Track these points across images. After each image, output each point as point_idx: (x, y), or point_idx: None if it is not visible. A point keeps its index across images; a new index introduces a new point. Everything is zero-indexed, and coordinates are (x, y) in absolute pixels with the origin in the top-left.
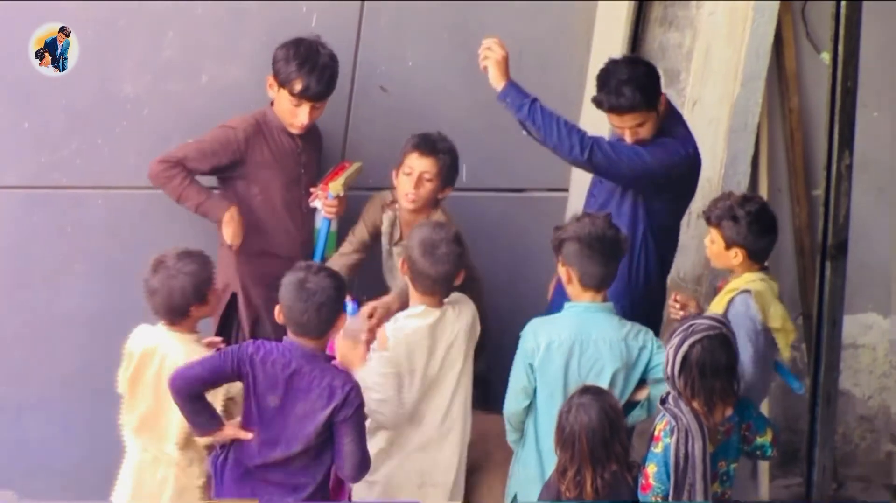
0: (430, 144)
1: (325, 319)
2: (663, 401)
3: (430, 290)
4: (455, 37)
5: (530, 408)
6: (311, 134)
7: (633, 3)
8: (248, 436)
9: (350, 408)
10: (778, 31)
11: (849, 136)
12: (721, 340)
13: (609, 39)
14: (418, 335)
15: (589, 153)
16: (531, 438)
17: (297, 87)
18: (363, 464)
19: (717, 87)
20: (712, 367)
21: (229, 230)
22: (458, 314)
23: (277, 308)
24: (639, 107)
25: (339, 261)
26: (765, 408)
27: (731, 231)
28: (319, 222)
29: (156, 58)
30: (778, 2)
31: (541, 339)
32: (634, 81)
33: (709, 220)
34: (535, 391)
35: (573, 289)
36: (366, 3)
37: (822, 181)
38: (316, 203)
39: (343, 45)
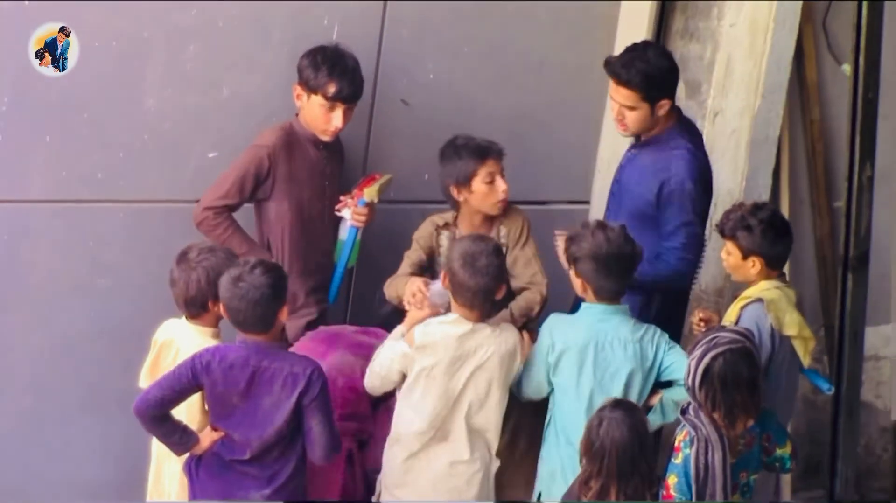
0: (486, 149)
1: (261, 316)
2: (684, 412)
3: (469, 303)
4: (476, 50)
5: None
6: (335, 145)
7: (654, 14)
8: (222, 434)
9: (314, 390)
10: (799, 42)
11: (870, 147)
12: (743, 353)
13: None
14: (444, 342)
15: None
16: (552, 433)
17: (331, 90)
18: (333, 446)
19: (738, 98)
20: (734, 380)
21: None
22: (498, 337)
23: (221, 306)
24: (633, 86)
25: (398, 280)
26: (787, 420)
27: (746, 241)
28: (345, 231)
29: (177, 71)
30: (799, 14)
31: (556, 338)
32: (645, 63)
33: (723, 233)
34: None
35: (588, 296)
36: (387, 15)
37: (844, 193)
38: (344, 212)
39: (364, 59)
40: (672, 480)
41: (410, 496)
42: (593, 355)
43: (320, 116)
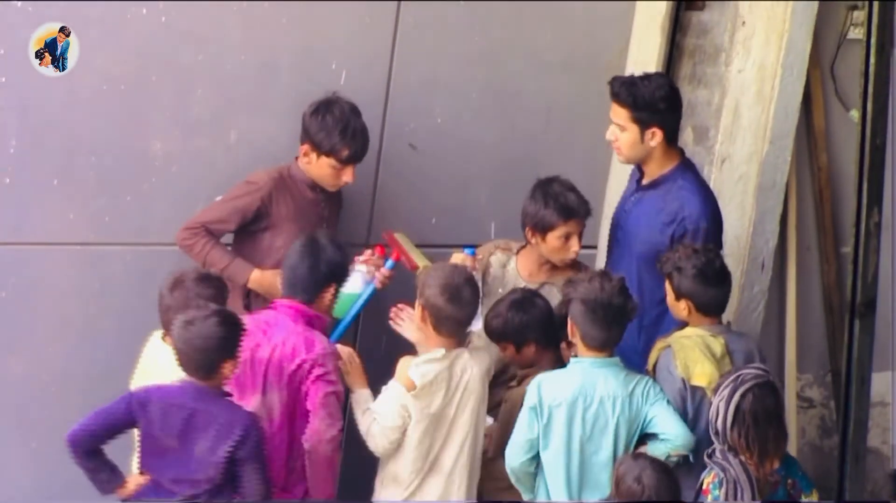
0: (585, 208)
1: (203, 364)
2: (710, 456)
3: (453, 333)
4: (485, 93)
5: (538, 467)
6: (328, 190)
7: (662, 60)
8: (147, 479)
9: (250, 443)
10: (806, 88)
11: (878, 193)
12: (770, 388)
13: None
14: (440, 379)
15: None
16: (542, 494)
17: (345, 153)
18: (266, 496)
19: (745, 144)
20: (765, 415)
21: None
22: (476, 359)
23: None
24: (623, 103)
25: None
26: None
27: (676, 282)
28: (360, 286)
29: (185, 114)
30: (806, 60)
31: (545, 395)
32: (642, 85)
33: (662, 273)
34: (538, 448)
35: (578, 344)
36: (395, 59)
37: (851, 239)
38: (360, 267)
39: (372, 102)
40: None
41: None
42: (582, 410)
43: (330, 175)
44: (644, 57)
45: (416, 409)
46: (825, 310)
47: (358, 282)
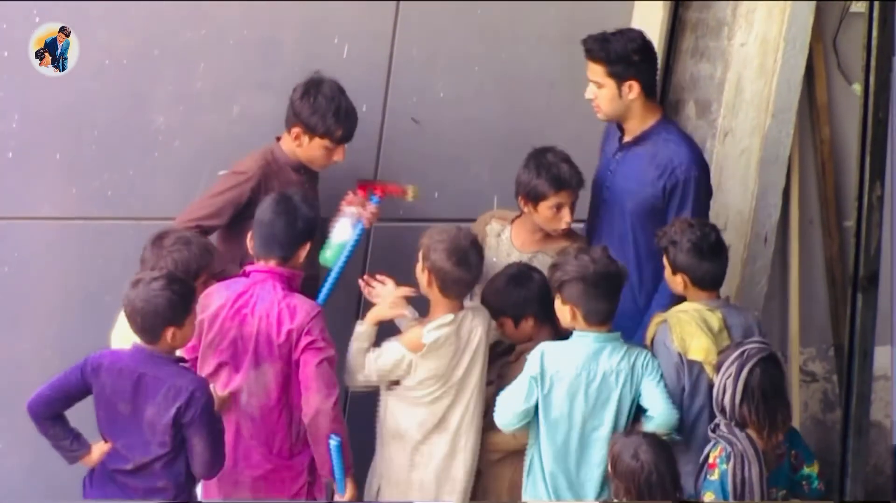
0: (577, 178)
1: (146, 327)
2: (714, 429)
3: (460, 295)
4: (487, 69)
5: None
6: (310, 169)
7: (664, 34)
8: (110, 446)
9: (196, 407)
10: (809, 62)
11: (880, 167)
12: (774, 361)
13: None
14: (449, 342)
15: None
16: (537, 466)
17: (340, 133)
18: (214, 463)
19: (748, 118)
20: (773, 389)
21: None
22: (479, 317)
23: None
24: (597, 59)
25: None
26: None
27: (672, 256)
28: (348, 232)
29: (187, 89)
30: (809, 33)
31: (548, 365)
32: (615, 40)
33: (658, 247)
34: (535, 417)
35: (578, 324)
36: (397, 34)
37: (854, 212)
38: (347, 211)
39: (375, 77)
40: (709, 497)
41: (417, 492)
42: (585, 385)
43: (322, 156)
44: (646, 31)
45: (424, 368)
46: (828, 284)
47: (346, 228)
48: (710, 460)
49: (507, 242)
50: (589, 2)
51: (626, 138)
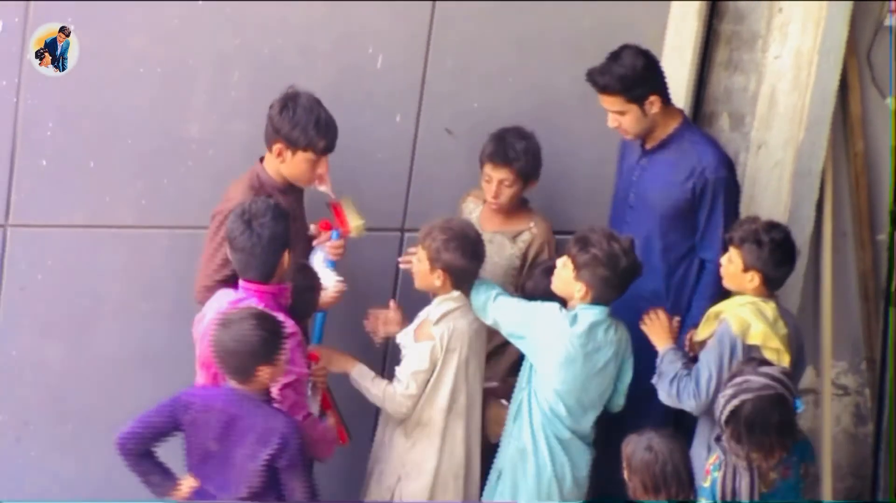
0: (502, 154)
1: (239, 367)
2: (717, 438)
3: (468, 284)
4: (521, 80)
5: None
6: (296, 188)
7: (698, 47)
8: (197, 483)
9: (290, 451)
10: (843, 75)
11: None
12: (775, 400)
13: (674, 83)
14: (458, 317)
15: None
16: (525, 410)
17: (322, 145)
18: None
19: (782, 131)
20: (762, 425)
21: None
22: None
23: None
24: (613, 91)
25: None
26: (828, 453)
27: (752, 254)
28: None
29: (222, 98)
30: (843, 46)
31: (557, 326)
32: (619, 66)
33: (731, 240)
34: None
35: (582, 297)
36: (432, 44)
37: (887, 226)
38: (316, 252)
39: (409, 87)
40: None
41: (429, 477)
42: (583, 355)
43: (307, 170)
44: (680, 43)
45: (444, 353)
46: (861, 298)
47: (320, 267)
48: (706, 466)
49: (476, 222)
50: (623, 13)
51: (649, 145)
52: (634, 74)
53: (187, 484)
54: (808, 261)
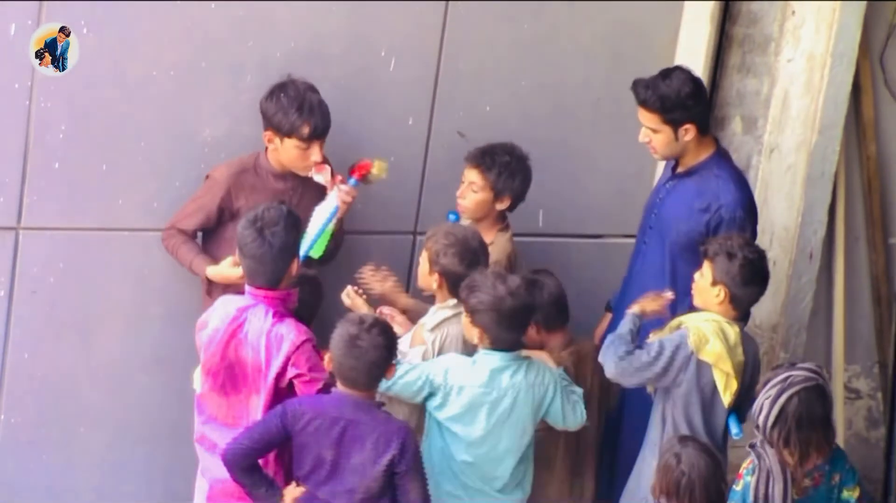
0: (480, 157)
1: (374, 376)
2: (752, 445)
3: None
4: (533, 83)
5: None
6: (297, 176)
7: (711, 50)
8: (304, 491)
9: (409, 455)
10: (856, 78)
11: None
12: (818, 392)
13: None
14: (453, 324)
15: None
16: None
17: (306, 131)
18: None
19: (794, 134)
20: (809, 419)
21: (234, 272)
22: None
23: (327, 356)
24: (651, 108)
25: None
26: None
27: (721, 267)
28: (323, 213)
29: (234, 101)
30: (856, 49)
31: (452, 380)
32: (666, 87)
33: (706, 253)
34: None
35: (484, 344)
36: (444, 47)
37: None
38: (329, 194)
39: (421, 91)
40: None
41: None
42: (489, 403)
43: (297, 157)
44: (693, 46)
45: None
46: (873, 301)
47: (323, 211)
48: (740, 470)
49: None
50: (636, 16)
51: (679, 169)
52: (677, 98)
53: (290, 494)
54: (821, 265)
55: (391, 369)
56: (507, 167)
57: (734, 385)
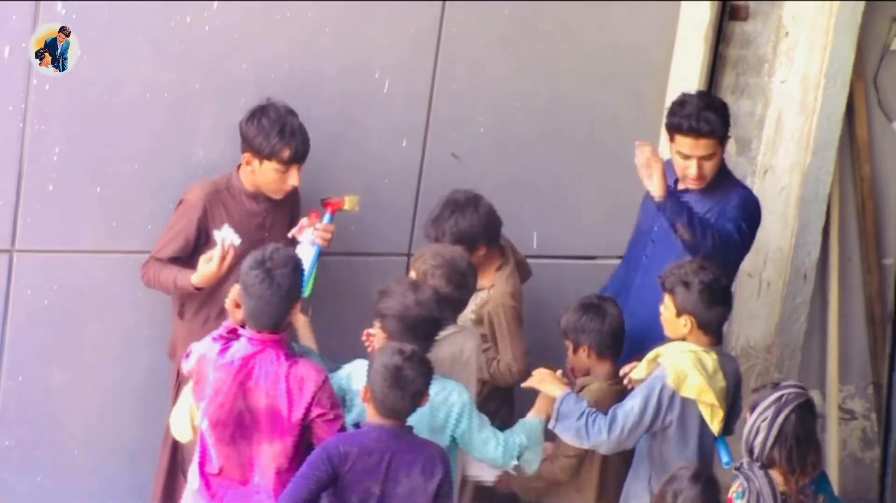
0: (429, 228)
1: (416, 405)
2: (739, 468)
3: (456, 314)
4: (528, 103)
5: None
6: (270, 199)
7: (705, 71)
8: None
9: (450, 478)
10: (849, 99)
11: None
12: (810, 407)
13: None
14: (443, 348)
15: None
16: None
17: (286, 154)
18: None
19: (788, 155)
20: (806, 436)
21: (210, 266)
22: (468, 334)
23: (365, 388)
24: (717, 134)
25: None
26: (835, 478)
27: (681, 297)
28: (307, 254)
29: (229, 123)
30: (850, 70)
31: (356, 385)
32: (715, 109)
33: (663, 286)
34: None
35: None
36: (438, 69)
37: (894, 250)
38: (303, 234)
39: (415, 112)
40: None
41: None
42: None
43: (275, 180)
44: (687, 67)
45: None
46: (867, 322)
47: (307, 254)
48: (729, 494)
49: None
50: (629, 38)
51: (688, 186)
52: (726, 113)
53: None
54: (815, 286)
55: (426, 397)
56: (455, 224)
57: (720, 413)
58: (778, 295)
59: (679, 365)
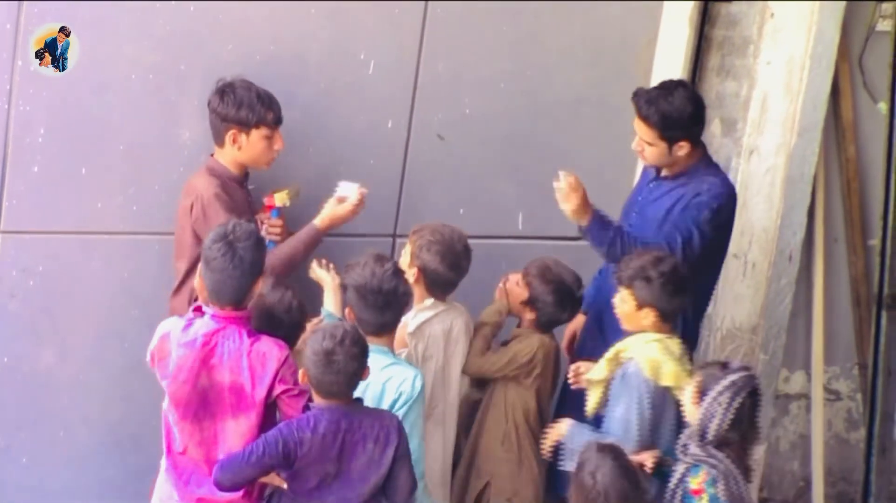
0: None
1: (354, 384)
2: (684, 454)
3: (446, 293)
4: (513, 85)
5: None
6: (244, 180)
7: (690, 52)
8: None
9: (404, 441)
10: (835, 80)
11: None
12: (757, 388)
13: None
14: (434, 324)
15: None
16: None
17: (271, 117)
18: (412, 489)
19: (773, 136)
20: (755, 414)
21: (344, 207)
22: (460, 312)
23: (302, 372)
24: (651, 124)
25: None
26: (820, 458)
27: (642, 291)
28: None
29: None
30: (835, 51)
31: None
32: (668, 104)
33: (620, 281)
34: None
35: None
36: (423, 49)
37: (879, 231)
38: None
39: (400, 93)
40: None
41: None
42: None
43: (264, 148)
44: (672, 48)
45: (421, 361)
46: (852, 303)
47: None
48: (695, 486)
49: None
50: (615, 18)
51: (666, 173)
52: (678, 117)
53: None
54: (800, 267)
55: (366, 372)
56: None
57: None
58: (763, 276)
59: (651, 356)
